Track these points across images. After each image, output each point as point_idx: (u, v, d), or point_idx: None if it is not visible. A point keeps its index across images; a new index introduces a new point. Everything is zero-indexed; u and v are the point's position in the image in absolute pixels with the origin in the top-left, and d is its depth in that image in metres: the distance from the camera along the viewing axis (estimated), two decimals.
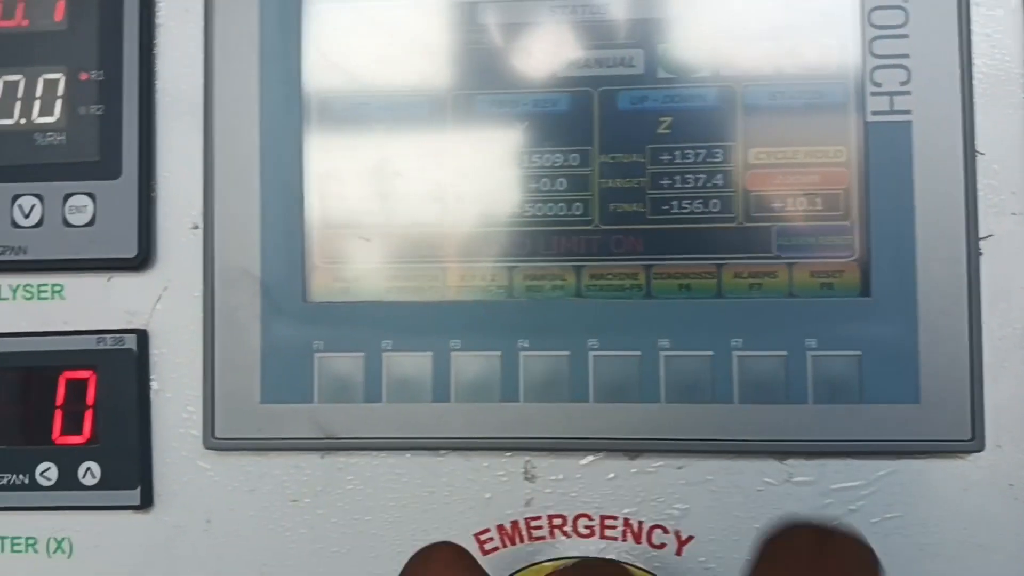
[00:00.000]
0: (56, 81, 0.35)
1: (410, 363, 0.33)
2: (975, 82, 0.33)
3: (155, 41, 0.36)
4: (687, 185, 0.33)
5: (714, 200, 0.33)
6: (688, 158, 0.33)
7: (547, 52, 0.34)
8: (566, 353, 0.33)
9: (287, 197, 0.34)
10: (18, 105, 0.36)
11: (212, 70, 0.35)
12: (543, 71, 0.34)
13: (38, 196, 0.35)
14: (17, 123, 0.36)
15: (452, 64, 0.34)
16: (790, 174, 0.33)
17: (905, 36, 0.33)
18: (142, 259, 0.35)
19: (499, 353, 0.33)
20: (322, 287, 0.34)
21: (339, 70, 0.35)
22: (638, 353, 0.33)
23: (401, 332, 0.33)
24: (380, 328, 0.33)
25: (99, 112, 0.35)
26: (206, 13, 0.35)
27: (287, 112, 0.34)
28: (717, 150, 0.33)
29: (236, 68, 0.35)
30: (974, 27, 0.33)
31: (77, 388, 0.35)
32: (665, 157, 0.33)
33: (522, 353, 0.33)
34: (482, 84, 0.34)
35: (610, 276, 0.34)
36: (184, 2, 0.36)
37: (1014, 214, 0.33)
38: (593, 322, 0.33)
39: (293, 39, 0.35)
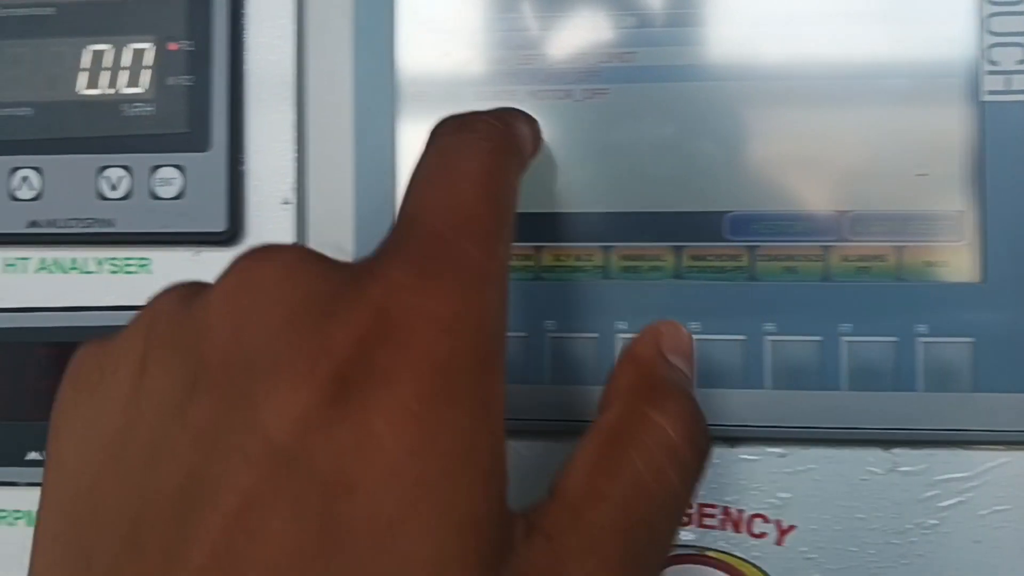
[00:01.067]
0: (144, 51, 0.35)
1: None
2: None
3: (244, 11, 0.35)
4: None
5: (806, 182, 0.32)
6: None
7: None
8: None
9: (380, 173, 0.33)
10: (105, 75, 0.35)
11: (304, 43, 0.34)
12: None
13: (126, 168, 0.35)
14: (104, 93, 0.35)
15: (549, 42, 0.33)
16: (899, 155, 0.32)
17: (1022, 13, 0.31)
18: (231, 234, 0.34)
19: (596, 335, 0.33)
20: None
21: (434, 46, 0.34)
22: (743, 337, 0.32)
23: None
24: None
25: (188, 83, 0.34)
26: None
27: (381, 87, 0.34)
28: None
29: (329, 42, 0.34)
30: None
31: None
32: None
33: (618, 335, 0.32)
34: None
35: (712, 258, 0.33)
36: None
37: None
38: (695, 304, 0.32)
39: (387, 13, 0.34)
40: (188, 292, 0.20)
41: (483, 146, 0.22)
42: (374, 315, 0.17)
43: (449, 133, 0.23)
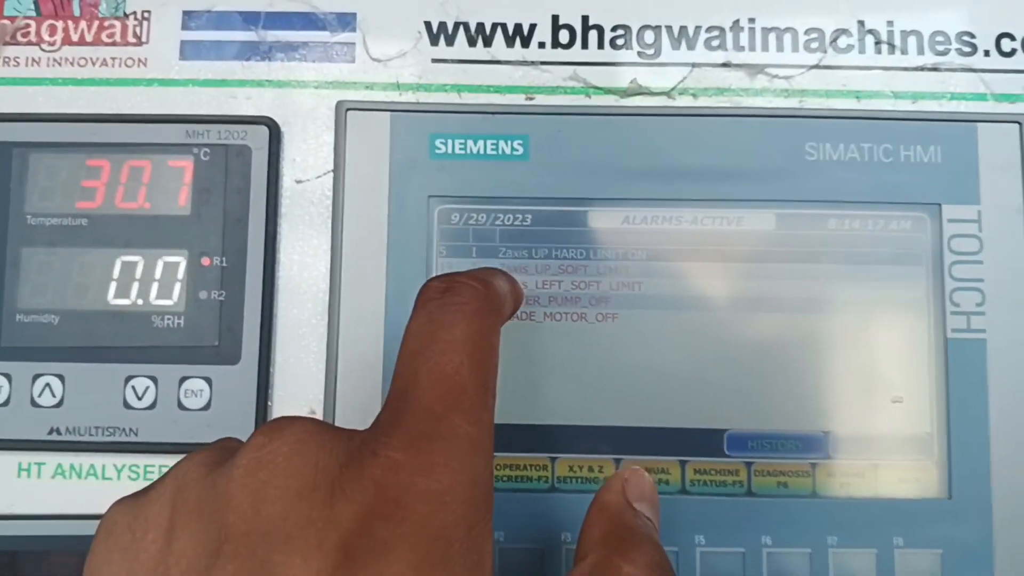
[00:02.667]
0: (176, 264, 0.36)
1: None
2: None
3: (278, 231, 0.37)
4: None
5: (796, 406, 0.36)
6: None
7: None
8: (675, 549, 0.35)
9: None
10: (136, 286, 0.36)
11: (339, 264, 0.36)
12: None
13: (152, 378, 0.36)
14: (134, 303, 0.36)
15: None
16: (877, 383, 0.36)
17: (980, 262, 0.36)
18: None
19: None
20: None
21: (464, 267, 0.36)
22: (742, 550, 0.35)
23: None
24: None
25: (221, 298, 0.36)
26: (334, 209, 0.36)
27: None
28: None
29: (363, 265, 0.36)
30: None
31: None
32: None
33: None
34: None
35: (714, 472, 0.36)
36: (309, 194, 0.37)
37: None
38: (700, 518, 0.35)
39: (422, 233, 0.36)
40: (212, 460, 0.22)
41: (465, 310, 0.24)
42: (375, 492, 0.20)
43: (435, 298, 0.25)
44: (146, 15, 0.38)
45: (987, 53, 0.38)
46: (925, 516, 0.35)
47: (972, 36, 0.38)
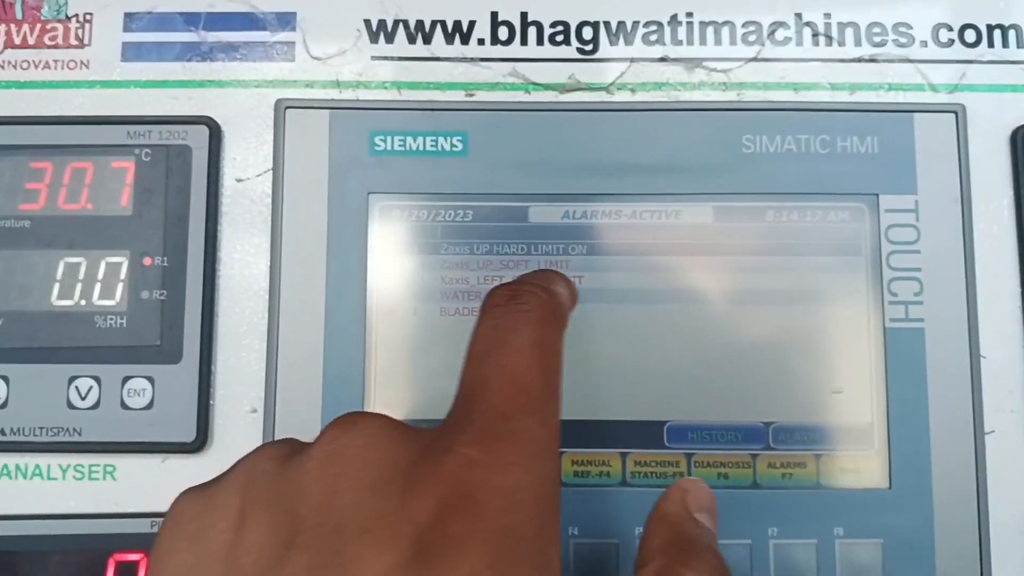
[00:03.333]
0: (119, 264, 0.36)
1: None
2: (979, 292, 0.36)
3: (219, 230, 0.37)
4: None
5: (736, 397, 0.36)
6: None
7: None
8: (615, 541, 0.35)
9: (349, 384, 0.36)
10: (79, 287, 0.36)
11: (278, 263, 0.36)
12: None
13: (95, 378, 0.36)
14: (77, 304, 0.36)
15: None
16: (817, 374, 0.36)
17: (918, 252, 0.36)
18: (199, 443, 0.36)
19: None
20: None
21: (401, 279, 0.37)
22: None
23: None
24: None
25: (162, 297, 0.36)
26: (274, 207, 0.36)
27: (352, 303, 0.36)
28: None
29: (302, 264, 0.36)
30: (976, 244, 0.37)
31: (127, 571, 0.35)
32: None
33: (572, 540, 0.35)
34: None
35: (654, 463, 0.36)
36: (249, 193, 0.37)
37: (1012, 411, 0.36)
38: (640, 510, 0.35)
39: (359, 244, 0.36)
40: (282, 453, 0.22)
41: (532, 317, 0.25)
42: (449, 487, 0.20)
43: (500, 304, 0.26)
44: (88, 17, 0.38)
45: (924, 43, 0.38)
46: (866, 506, 0.36)
47: (909, 27, 0.38)
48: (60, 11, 0.38)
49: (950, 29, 0.38)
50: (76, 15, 0.38)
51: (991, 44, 0.38)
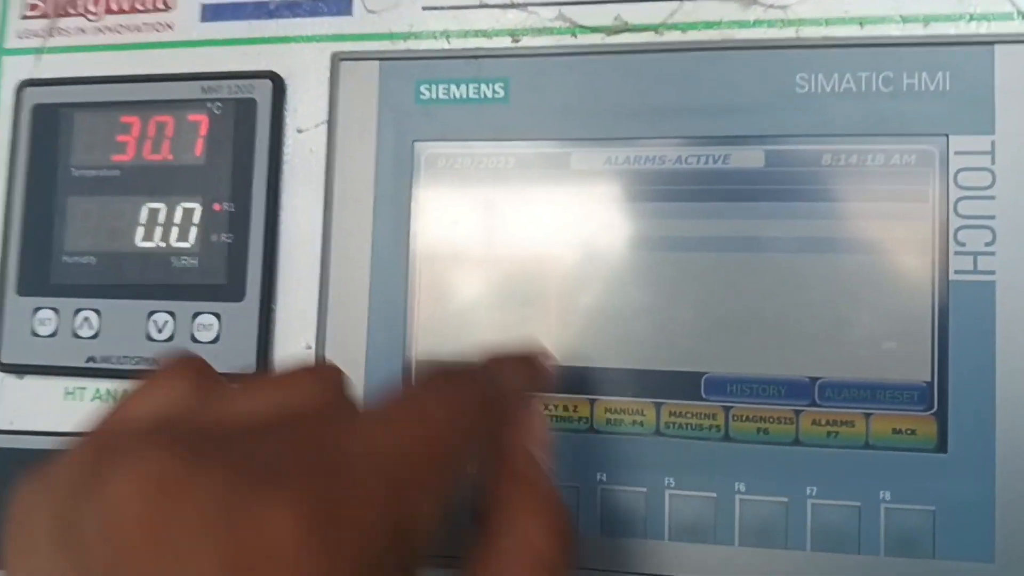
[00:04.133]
0: (192, 210, 0.40)
1: None
2: None
3: (281, 179, 0.39)
4: None
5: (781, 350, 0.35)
6: None
7: None
8: (643, 490, 0.35)
9: (392, 326, 0.37)
10: (158, 230, 0.40)
11: (331, 209, 0.38)
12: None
13: (171, 313, 0.39)
14: (157, 246, 0.40)
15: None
16: (869, 327, 0.34)
17: (992, 198, 0.33)
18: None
19: (577, 485, 0.35)
20: None
21: (444, 226, 0.38)
22: (714, 495, 0.34)
23: None
24: None
25: (229, 240, 0.39)
26: (328, 157, 0.38)
27: (396, 251, 0.37)
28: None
29: (352, 208, 0.38)
30: None
31: None
32: None
33: (601, 487, 0.35)
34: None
35: (689, 415, 0.35)
36: (309, 143, 0.39)
37: None
38: (672, 460, 0.35)
39: (404, 192, 0.38)
40: (69, 498, 0.19)
41: (455, 404, 0.22)
42: (246, 558, 0.17)
43: (432, 379, 0.23)
44: None
45: None
46: (918, 470, 0.33)
47: None
48: None
49: None
50: None
51: None
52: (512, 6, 0.38)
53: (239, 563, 0.17)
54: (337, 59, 0.39)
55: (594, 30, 0.37)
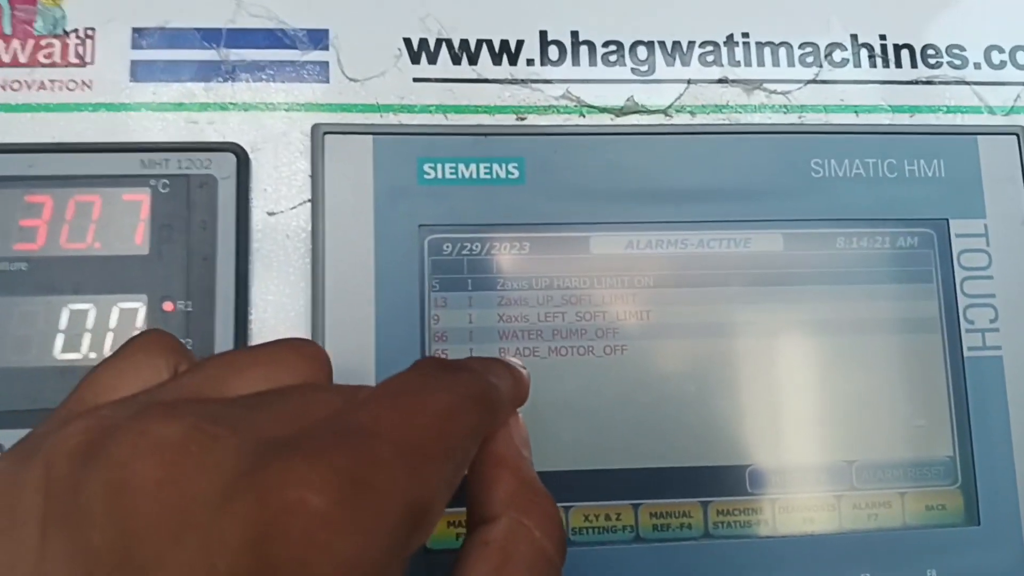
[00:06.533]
0: (134, 311, 0.32)
1: None
2: None
3: (251, 270, 0.33)
4: None
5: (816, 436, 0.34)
6: None
7: None
8: None
9: None
10: (87, 338, 0.32)
11: (320, 306, 0.32)
12: None
13: None
14: (86, 358, 0.32)
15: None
16: (898, 408, 0.35)
17: (991, 277, 0.35)
18: None
19: None
20: None
21: (456, 319, 0.33)
22: None
23: None
24: None
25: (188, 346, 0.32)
26: (314, 244, 0.33)
27: (407, 349, 0.32)
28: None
29: (348, 307, 0.32)
30: None
31: None
32: None
33: None
34: None
35: (738, 512, 0.33)
36: (284, 228, 0.33)
37: None
38: (725, 565, 0.33)
39: (411, 279, 0.33)
40: (80, 448, 0.18)
41: (458, 390, 0.21)
42: (275, 543, 0.16)
43: (431, 367, 0.22)
44: (89, 33, 0.34)
45: (977, 66, 0.37)
46: (956, 545, 0.34)
47: (962, 49, 0.38)
48: (57, 25, 0.34)
49: (1001, 51, 0.38)
50: (76, 30, 0.34)
51: None
52: (514, 82, 0.35)
53: (268, 531, 0.15)
54: (320, 132, 0.33)
55: (602, 110, 0.35)
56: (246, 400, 0.19)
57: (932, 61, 0.37)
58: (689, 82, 0.36)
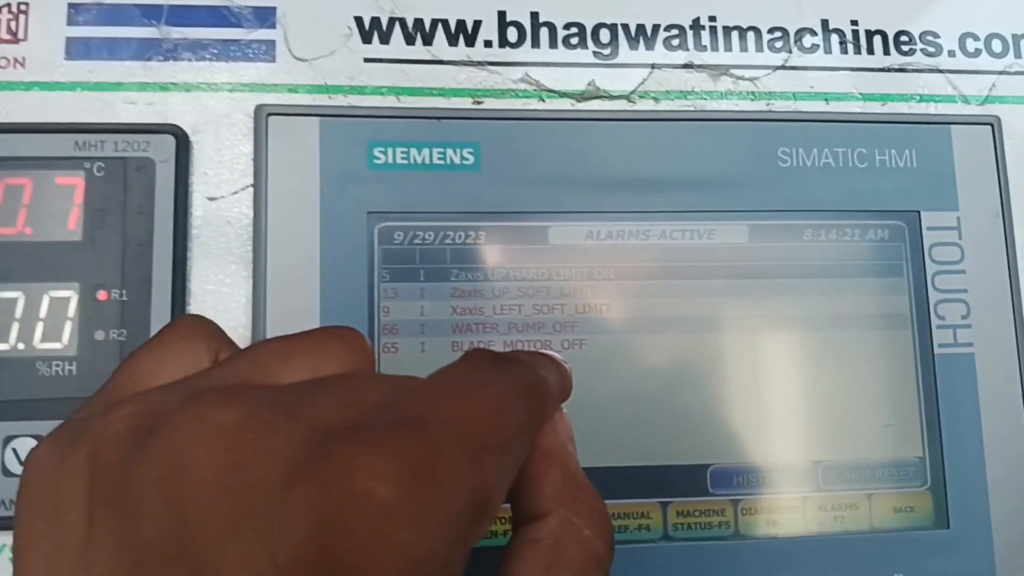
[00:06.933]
0: (66, 300, 0.30)
1: None
2: None
3: (189, 257, 0.31)
4: None
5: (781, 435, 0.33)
6: None
7: None
8: None
9: None
10: (15, 327, 0.30)
11: (262, 296, 0.31)
12: None
13: (38, 438, 0.30)
14: (14, 348, 0.30)
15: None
16: (866, 408, 0.33)
17: (963, 272, 0.34)
18: None
19: None
20: None
21: (406, 311, 0.32)
22: None
23: None
24: None
25: (122, 338, 0.30)
26: (255, 230, 0.31)
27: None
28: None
29: (291, 293, 0.31)
30: (1020, 260, 0.35)
31: None
32: None
33: None
34: None
35: (698, 513, 0.32)
36: (225, 214, 0.32)
37: None
38: (685, 567, 0.31)
39: (358, 269, 0.31)
40: (130, 429, 0.17)
41: (512, 383, 0.20)
42: (341, 535, 0.15)
43: (481, 360, 0.21)
44: (23, 7, 0.32)
45: (952, 53, 0.36)
46: (925, 548, 0.33)
47: (936, 36, 0.36)
48: None
49: (976, 39, 0.36)
50: (7, 4, 0.32)
51: (1018, 55, 0.36)
52: (471, 64, 0.34)
53: (332, 522, 0.15)
54: (264, 113, 0.32)
55: (563, 95, 0.34)
56: (297, 387, 0.18)
57: (905, 48, 0.36)
58: (653, 67, 0.35)
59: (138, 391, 0.19)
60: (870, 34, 0.36)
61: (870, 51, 0.36)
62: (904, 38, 0.36)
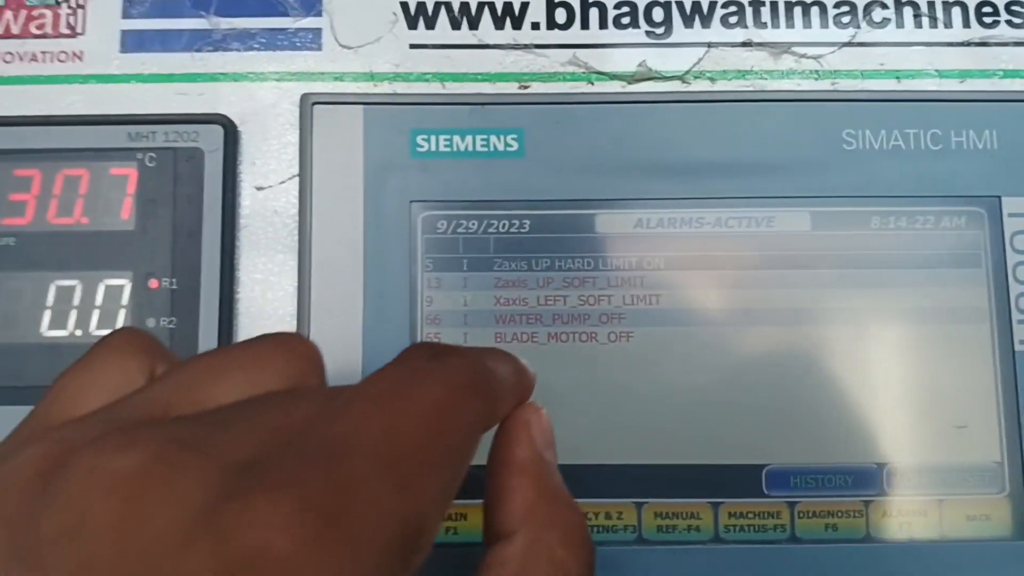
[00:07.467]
0: (120, 288, 0.31)
1: None
2: None
3: (238, 247, 0.32)
4: None
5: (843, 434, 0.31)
6: None
7: None
8: None
9: None
10: (73, 314, 0.31)
11: (307, 286, 0.31)
12: None
13: None
14: (72, 335, 0.31)
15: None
16: (938, 407, 0.31)
17: None
18: None
19: None
20: None
21: (449, 302, 0.31)
22: None
23: None
24: None
25: (171, 326, 0.31)
26: (300, 220, 0.31)
27: (396, 333, 0.31)
28: None
29: (335, 282, 0.31)
30: None
31: None
32: None
33: None
34: None
35: (751, 515, 0.31)
36: (272, 203, 0.32)
37: None
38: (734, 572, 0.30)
39: (401, 259, 0.31)
40: (41, 469, 0.16)
41: (450, 381, 0.18)
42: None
43: (417, 357, 0.20)
44: (81, 3, 0.33)
45: None
46: (1001, 560, 0.30)
47: (1023, 6, 0.33)
48: None
49: None
50: (67, 0, 0.33)
51: None
52: (517, 47, 0.33)
53: (231, 573, 0.14)
54: (309, 102, 0.32)
55: (613, 77, 0.33)
56: (218, 415, 0.17)
57: (988, 20, 0.33)
58: (709, 46, 0.33)
59: (58, 423, 0.18)
60: (948, 5, 0.33)
61: (947, 24, 0.33)
62: (987, 9, 0.33)
